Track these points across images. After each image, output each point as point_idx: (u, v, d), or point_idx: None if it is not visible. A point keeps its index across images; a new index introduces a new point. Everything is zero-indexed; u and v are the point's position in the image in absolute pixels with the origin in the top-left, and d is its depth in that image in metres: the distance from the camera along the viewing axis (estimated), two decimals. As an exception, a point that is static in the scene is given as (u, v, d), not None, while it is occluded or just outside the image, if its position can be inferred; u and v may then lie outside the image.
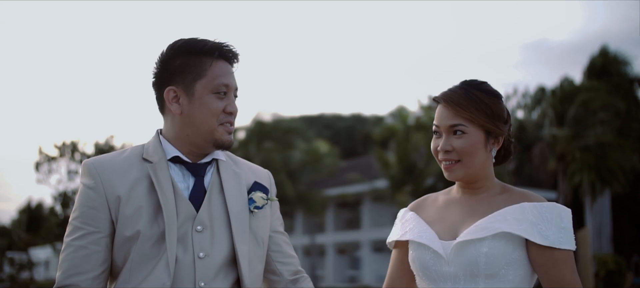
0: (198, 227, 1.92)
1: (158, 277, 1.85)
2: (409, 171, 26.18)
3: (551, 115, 25.01)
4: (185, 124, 1.96)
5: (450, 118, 2.02)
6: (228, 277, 1.95)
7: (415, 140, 26.54)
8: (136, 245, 1.87)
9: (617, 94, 27.31)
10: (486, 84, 2.09)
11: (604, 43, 33.02)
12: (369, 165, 31.93)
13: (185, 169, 1.98)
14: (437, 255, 2.00)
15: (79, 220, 1.90)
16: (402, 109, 30.19)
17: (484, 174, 2.06)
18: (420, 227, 2.10)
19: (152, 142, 2.01)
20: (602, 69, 30.44)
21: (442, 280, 2.01)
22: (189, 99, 1.95)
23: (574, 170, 24.34)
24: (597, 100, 24.35)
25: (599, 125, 24.42)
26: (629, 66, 31.09)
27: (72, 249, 1.88)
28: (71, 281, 1.85)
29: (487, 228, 1.95)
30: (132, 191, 1.90)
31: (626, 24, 63.13)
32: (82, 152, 25.31)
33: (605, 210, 29.14)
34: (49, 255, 31.95)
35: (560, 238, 1.93)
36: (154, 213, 1.89)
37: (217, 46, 1.98)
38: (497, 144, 2.06)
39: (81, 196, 1.93)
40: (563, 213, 1.98)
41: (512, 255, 1.95)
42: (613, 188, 25.27)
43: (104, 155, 2.01)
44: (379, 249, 33.97)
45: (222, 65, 1.98)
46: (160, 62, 2.00)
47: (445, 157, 2.04)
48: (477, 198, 2.07)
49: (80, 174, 1.98)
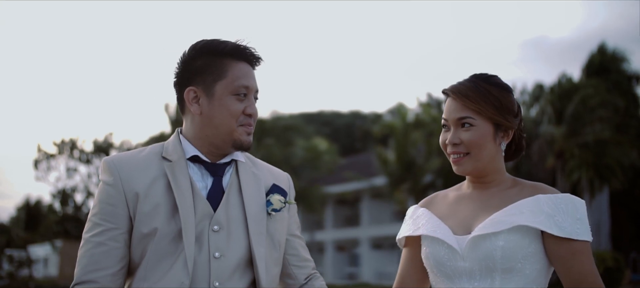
0: (215, 226, 1.93)
1: (176, 276, 1.85)
2: (407, 168, 26.19)
3: (550, 113, 25.03)
4: (205, 124, 1.96)
5: (458, 111, 2.00)
6: (243, 278, 1.95)
7: (414, 137, 26.55)
8: (153, 243, 1.87)
9: (616, 91, 27.35)
10: (496, 77, 2.07)
11: (602, 40, 33.01)
12: (368, 162, 31.95)
13: (204, 169, 1.98)
14: (452, 250, 1.97)
15: (98, 217, 1.91)
16: (401, 106, 30.20)
17: (494, 168, 2.04)
18: (433, 222, 2.07)
19: (172, 141, 2.02)
20: (601, 66, 30.46)
21: (457, 276, 1.97)
22: (209, 100, 1.95)
23: (573, 167, 24.37)
24: (595, 97, 24.37)
25: (597, 122, 24.44)
26: (627, 63, 31.12)
27: (91, 245, 1.88)
28: (90, 277, 1.86)
29: (502, 221, 1.92)
30: (150, 188, 1.91)
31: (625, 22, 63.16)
32: (81, 150, 25.33)
33: (603, 207, 29.18)
34: (47, 252, 31.93)
35: (577, 229, 1.91)
36: (171, 211, 1.90)
37: (238, 48, 1.98)
38: (507, 137, 2.04)
39: (100, 193, 1.93)
40: (578, 204, 1.96)
41: (529, 248, 1.92)
42: (611, 185, 25.31)
43: (123, 152, 2.02)
44: (378, 246, 34.00)
45: (243, 67, 1.98)
46: (181, 62, 2.01)
47: (454, 150, 2.02)
48: (488, 192, 2.05)
49: (100, 171, 1.99)
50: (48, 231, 23.44)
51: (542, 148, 26.01)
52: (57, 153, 24.94)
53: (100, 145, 25.83)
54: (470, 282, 1.95)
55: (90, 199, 25.48)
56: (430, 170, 25.92)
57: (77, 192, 25.23)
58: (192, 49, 2.00)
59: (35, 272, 26.94)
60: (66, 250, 25.92)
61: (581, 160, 24.03)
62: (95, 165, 25.59)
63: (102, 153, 25.72)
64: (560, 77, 27.29)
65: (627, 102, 28.73)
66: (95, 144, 25.64)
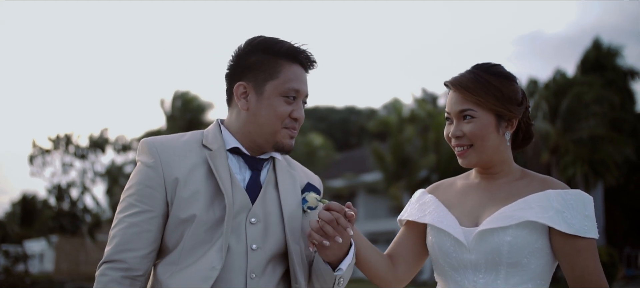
0: (252, 219, 1.93)
1: (209, 261, 1.86)
2: (403, 164, 26.24)
3: (544, 108, 25.07)
4: (250, 121, 1.96)
5: (459, 103, 1.99)
6: (276, 271, 1.97)
7: (409, 132, 26.59)
8: (191, 229, 1.88)
9: (611, 87, 27.41)
10: (498, 66, 2.05)
11: (597, 36, 33.05)
12: (363, 157, 32.00)
13: (243, 161, 1.99)
14: (458, 242, 1.96)
15: (134, 198, 1.90)
16: (396, 101, 30.25)
17: (500, 159, 2.02)
18: (440, 211, 2.06)
19: (212, 130, 2.01)
20: (596, 62, 30.51)
21: (462, 268, 1.97)
22: (258, 97, 1.95)
23: (567, 162, 24.43)
24: (590, 93, 24.41)
25: (592, 118, 24.49)
26: (622, 59, 31.19)
27: (125, 225, 1.88)
28: (121, 257, 1.85)
29: (511, 216, 1.91)
30: (190, 175, 1.90)
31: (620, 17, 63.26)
32: (76, 145, 25.29)
33: (598, 202, 29.28)
34: (43, 247, 31.88)
35: (585, 226, 1.90)
36: (210, 199, 1.90)
37: (294, 50, 1.98)
38: (511, 127, 2.01)
39: (139, 174, 1.92)
40: (587, 201, 1.94)
41: (536, 244, 1.92)
42: (606, 180, 25.37)
43: (162, 136, 2.01)
44: (374, 242, 33.82)
45: (296, 70, 1.97)
46: (236, 56, 2.01)
47: (457, 143, 2.01)
48: (496, 183, 2.03)
49: (137, 152, 1.97)
50: (44, 226, 23.40)
51: (537, 144, 26.08)
52: (52, 149, 24.89)
53: (95, 140, 25.79)
54: (475, 275, 1.95)
55: (86, 195, 25.43)
56: (426, 165, 25.96)
57: (72, 188, 25.20)
58: (248, 45, 1.99)
59: (31, 267, 26.91)
60: (62, 246, 25.90)
61: (576, 156, 24.08)
62: (91, 161, 25.57)
63: (98, 149, 25.69)
64: (554, 72, 27.36)
65: (622, 97, 28.79)
66: (90, 140, 25.58)
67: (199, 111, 29.85)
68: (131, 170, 26.63)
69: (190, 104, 29.73)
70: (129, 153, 26.69)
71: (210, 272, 1.85)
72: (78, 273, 25.27)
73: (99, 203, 25.51)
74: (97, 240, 25.34)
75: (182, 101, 29.84)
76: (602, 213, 29.71)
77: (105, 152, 25.94)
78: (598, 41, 31.38)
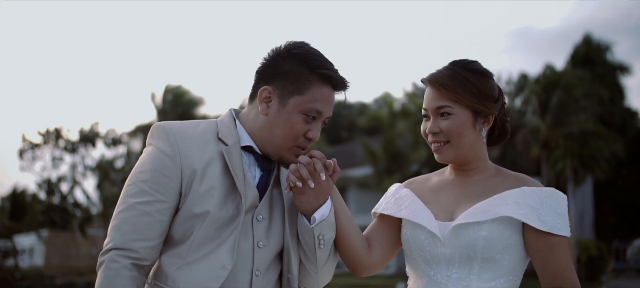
0: (259, 216, 1.94)
1: (219, 259, 1.84)
2: (394, 158, 26.29)
3: (534, 103, 25.17)
4: (265, 127, 1.94)
5: (436, 99, 2.00)
6: (276, 269, 1.98)
7: (400, 127, 26.64)
8: (202, 225, 1.85)
9: (601, 81, 27.57)
10: (475, 63, 2.06)
11: (587, 31, 33.21)
12: (354, 152, 32.04)
13: (254, 160, 1.98)
14: (433, 236, 1.98)
15: (147, 184, 1.84)
16: (387, 95, 30.30)
17: (476, 155, 2.04)
18: (416, 205, 2.07)
19: (226, 123, 1.98)
20: (586, 57, 30.69)
21: (435, 262, 1.98)
22: (279, 107, 1.92)
23: (557, 157, 24.56)
24: (580, 87, 24.53)
25: (581, 112, 24.61)
26: (611, 54, 31.37)
27: (137, 213, 1.82)
28: (132, 246, 1.81)
29: (487, 211, 1.93)
30: (207, 169, 1.87)
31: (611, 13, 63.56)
32: (67, 139, 25.17)
33: (587, 196, 29.48)
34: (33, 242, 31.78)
35: (558, 224, 1.92)
36: (224, 196, 1.88)
37: (329, 71, 1.94)
38: (487, 123, 2.03)
39: (154, 161, 1.87)
40: (560, 199, 1.97)
41: (510, 239, 1.93)
42: (595, 175, 25.54)
43: (178, 122, 1.96)
44: (364, 236, 34.08)
45: (325, 91, 1.94)
46: (272, 57, 1.97)
47: (434, 139, 2.03)
48: (471, 180, 2.05)
49: (151, 135, 1.92)
50: (34, 221, 23.30)
51: (527, 138, 26.19)
52: (42, 143, 24.79)
53: (85, 134, 25.70)
54: (448, 269, 1.96)
55: (76, 189, 25.35)
56: (417, 160, 26.01)
57: (62, 182, 25.12)
58: (287, 50, 1.95)
59: (21, 261, 26.81)
60: (52, 240, 25.81)
61: (566, 150, 24.20)
62: (81, 155, 25.48)
63: (88, 143, 25.61)
64: (544, 67, 27.47)
65: (611, 92, 28.98)
66: (80, 133, 25.50)
67: (190, 106, 29.77)
68: (122, 164, 26.76)
69: (181, 99, 29.65)
70: (119, 147, 26.63)
71: (220, 271, 1.84)
72: (68, 268, 25.19)
73: (89, 198, 25.44)
74: (88, 234, 25.27)
75: (173, 95, 29.76)
76: (591, 207, 29.91)
77: (95, 146, 25.85)
78: (588, 36, 31.55)
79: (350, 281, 20.22)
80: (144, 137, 28.61)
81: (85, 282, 20.17)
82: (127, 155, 27.04)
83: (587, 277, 19.56)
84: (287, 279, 1.98)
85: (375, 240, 2.13)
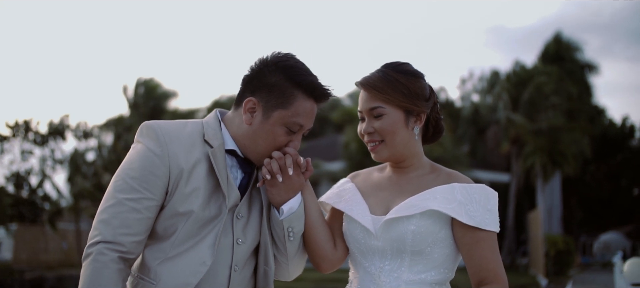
0: (239, 214, 2.03)
1: (199, 255, 1.93)
2: (367, 153, 26.44)
3: (505, 99, 25.48)
4: (248, 136, 2.02)
5: (369, 101, 2.09)
6: (251, 265, 2.08)
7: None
8: (186, 223, 1.94)
9: (570, 79, 27.99)
10: (406, 64, 2.14)
11: (558, 29, 33.69)
12: (326, 146, 32.14)
13: (236, 162, 2.07)
14: (367, 230, 2.07)
15: (137, 182, 1.92)
16: (360, 91, 30.34)
17: (410, 153, 2.12)
18: (354, 199, 2.16)
19: (212, 125, 2.06)
20: (556, 54, 31.14)
21: (370, 254, 2.07)
22: (263, 119, 2.00)
23: (527, 153, 24.89)
24: (549, 84, 24.88)
25: (551, 109, 24.97)
26: (580, 52, 31.88)
27: (126, 209, 1.90)
28: (120, 240, 1.88)
29: (415, 205, 2.01)
30: (194, 170, 1.96)
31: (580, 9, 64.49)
32: (36, 132, 24.80)
33: (555, 192, 29.96)
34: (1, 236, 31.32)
35: (485, 219, 1.99)
36: (208, 196, 1.97)
37: (313, 86, 2.02)
38: (420, 121, 2.12)
39: (144, 159, 1.94)
40: (490, 195, 2.04)
41: (439, 233, 2.02)
42: (564, 171, 25.95)
43: (166, 122, 2.03)
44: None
45: (308, 105, 2.03)
46: (259, 67, 2.04)
47: (370, 139, 2.12)
48: (407, 177, 2.13)
49: (141, 134, 1.99)
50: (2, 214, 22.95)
51: (498, 134, 26.52)
52: (10, 136, 24.40)
53: (55, 127, 25.36)
54: (381, 261, 2.05)
55: (46, 182, 25.02)
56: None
57: (31, 175, 24.77)
58: (274, 63, 2.03)
59: (-12, 255, 26.39)
60: (21, 234, 25.45)
61: (536, 146, 24.55)
62: (51, 148, 25.15)
63: (58, 136, 25.28)
64: (514, 64, 27.81)
65: (579, 90, 29.46)
66: (50, 126, 25.16)
67: (162, 99, 29.55)
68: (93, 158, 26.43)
69: (153, 92, 29.41)
70: (90, 140, 26.33)
71: (200, 267, 1.93)
72: (38, 262, 24.87)
73: (59, 191, 25.13)
74: (58, 228, 24.97)
75: (146, 88, 29.51)
76: (559, 202, 30.39)
77: (65, 139, 25.52)
78: (559, 34, 32.01)
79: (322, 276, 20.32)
80: (115, 130, 28.34)
81: (55, 276, 19.94)
82: (98, 148, 26.74)
83: (555, 271, 19.90)
84: (264, 271, 2.08)
85: (336, 234, 2.22)
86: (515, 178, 25.37)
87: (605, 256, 27.56)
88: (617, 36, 64.00)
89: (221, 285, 1.98)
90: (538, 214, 20.50)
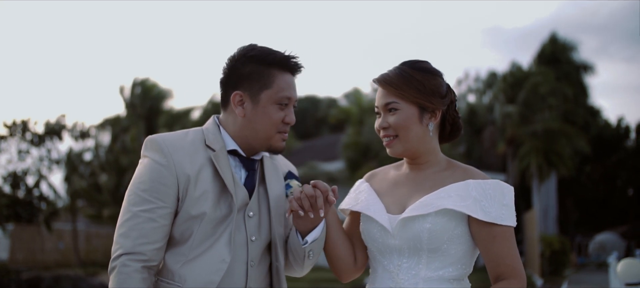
0: (250, 213, 2.12)
1: (219, 253, 2.03)
2: (364, 153, 26.48)
3: (502, 100, 25.54)
4: (246, 126, 2.12)
5: (384, 97, 2.14)
6: (266, 259, 2.17)
7: (370, 122, 26.80)
8: (200, 225, 2.04)
9: (565, 80, 28.08)
10: (423, 62, 2.17)
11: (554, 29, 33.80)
12: (323, 146, 32.16)
13: (239, 161, 2.16)
14: (384, 228, 2.10)
15: (148, 193, 2.02)
16: (356, 91, 30.40)
17: (425, 149, 2.15)
18: (370, 198, 2.19)
19: (211, 130, 2.16)
20: (552, 55, 31.23)
21: (388, 252, 2.10)
22: (253, 106, 2.11)
23: (523, 153, 24.95)
24: (545, 85, 24.94)
25: (547, 110, 25.03)
26: (576, 53, 31.97)
27: (142, 220, 2.00)
28: (141, 249, 1.99)
29: (430, 204, 2.03)
30: (199, 174, 2.06)
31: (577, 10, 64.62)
32: (33, 132, 24.77)
33: (551, 192, 30.05)
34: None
35: (501, 214, 2.02)
36: (217, 197, 2.06)
37: (285, 59, 2.13)
38: (434, 118, 2.14)
39: (151, 171, 2.04)
40: (506, 190, 2.06)
41: (455, 230, 2.04)
42: (559, 171, 26.02)
43: (169, 134, 2.14)
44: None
45: (288, 78, 2.13)
46: (230, 65, 2.15)
47: (385, 134, 2.16)
48: (423, 174, 2.16)
49: (146, 148, 2.09)
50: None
51: (494, 135, 26.59)
52: (8, 135, 24.35)
53: (52, 127, 25.32)
54: (399, 259, 2.09)
55: (43, 182, 24.98)
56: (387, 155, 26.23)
57: (28, 175, 24.72)
58: (243, 56, 2.12)
59: (-16, 255, 26.34)
60: (17, 234, 25.42)
61: (532, 147, 24.61)
62: (47, 147, 25.11)
63: (55, 136, 25.24)
64: (510, 65, 27.88)
65: (575, 90, 29.55)
66: (47, 126, 25.11)
67: (159, 99, 29.54)
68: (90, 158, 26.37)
69: (150, 92, 29.39)
70: (87, 140, 26.30)
71: (220, 265, 2.03)
72: (34, 262, 24.86)
73: (56, 191, 25.09)
74: (54, 228, 24.94)
75: (142, 88, 29.50)
76: (555, 203, 30.47)
77: (62, 139, 25.48)
78: (554, 35, 32.10)
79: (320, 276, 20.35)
80: (112, 130, 28.32)
81: (52, 276, 19.95)
82: (95, 148, 26.73)
83: (551, 271, 19.97)
84: (275, 268, 2.16)
85: (355, 241, 2.26)
86: (511, 178, 25.42)
87: (601, 256, 27.63)
88: (614, 37, 64.21)
89: (239, 281, 2.07)
90: (534, 214, 20.54)
